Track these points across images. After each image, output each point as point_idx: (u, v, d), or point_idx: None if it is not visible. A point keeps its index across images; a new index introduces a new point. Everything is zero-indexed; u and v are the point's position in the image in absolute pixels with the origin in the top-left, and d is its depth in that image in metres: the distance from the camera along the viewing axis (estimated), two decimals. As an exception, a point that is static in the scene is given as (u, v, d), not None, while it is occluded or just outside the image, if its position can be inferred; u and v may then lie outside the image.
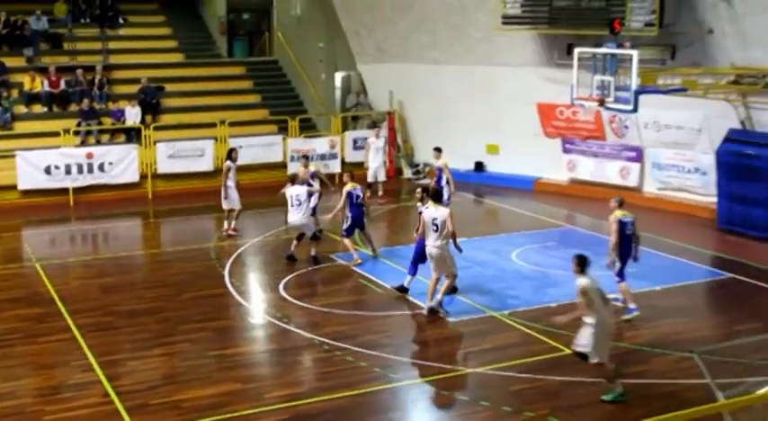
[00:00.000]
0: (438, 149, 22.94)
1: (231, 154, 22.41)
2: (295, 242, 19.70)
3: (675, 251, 20.29)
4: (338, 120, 30.59)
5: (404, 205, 26.78)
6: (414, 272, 17.24)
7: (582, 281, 12.23)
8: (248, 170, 28.37)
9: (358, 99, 31.83)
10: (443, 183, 22.24)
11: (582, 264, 12.31)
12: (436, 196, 16.27)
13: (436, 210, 15.83)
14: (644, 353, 14.39)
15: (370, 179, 26.03)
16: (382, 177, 26.44)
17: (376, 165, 26.21)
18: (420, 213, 16.59)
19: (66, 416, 12.11)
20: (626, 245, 16.05)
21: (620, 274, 16.15)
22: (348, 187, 19.54)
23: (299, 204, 19.08)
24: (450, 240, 15.82)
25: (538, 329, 15.33)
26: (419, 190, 17.66)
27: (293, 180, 19.84)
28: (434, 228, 15.74)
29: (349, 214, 19.45)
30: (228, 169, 21.94)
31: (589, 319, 12.22)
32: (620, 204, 16.28)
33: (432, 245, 15.87)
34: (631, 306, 16.01)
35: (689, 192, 24.33)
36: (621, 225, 15.96)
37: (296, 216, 19.22)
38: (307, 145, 28.83)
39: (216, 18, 36.72)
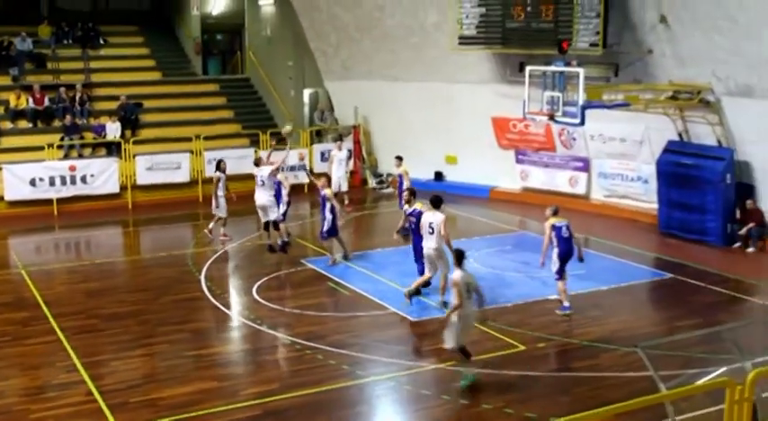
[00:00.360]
0: (399, 158, 23.01)
1: (220, 164, 22.39)
2: (267, 233, 19.90)
3: (620, 253, 20.45)
4: (306, 133, 30.56)
5: (369, 213, 26.83)
6: (422, 269, 17.20)
7: (456, 274, 12.57)
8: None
9: (323, 115, 31.83)
10: (404, 188, 22.30)
11: (459, 258, 12.70)
12: (436, 202, 16.56)
13: (433, 215, 16.28)
14: (593, 349, 14.45)
15: (333, 189, 25.92)
16: (345, 187, 26.25)
17: (339, 175, 26.03)
18: (406, 213, 17.21)
19: (51, 415, 12.00)
20: (563, 247, 16.23)
21: (559, 274, 16.33)
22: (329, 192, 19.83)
23: (263, 184, 19.89)
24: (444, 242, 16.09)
25: (494, 327, 15.36)
26: (406, 192, 18.10)
27: (257, 163, 20.62)
28: (430, 231, 16.19)
29: (330, 216, 19.36)
30: (218, 179, 21.89)
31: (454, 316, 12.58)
32: (555, 213, 16.51)
33: (428, 246, 16.27)
34: (565, 304, 16.15)
35: (632, 199, 24.51)
36: (555, 229, 16.18)
37: (260, 195, 20.07)
38: (277, 157, 28.72)
39: (191, 38, 36.67)
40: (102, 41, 34.17)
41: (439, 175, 29.17)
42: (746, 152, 21.22)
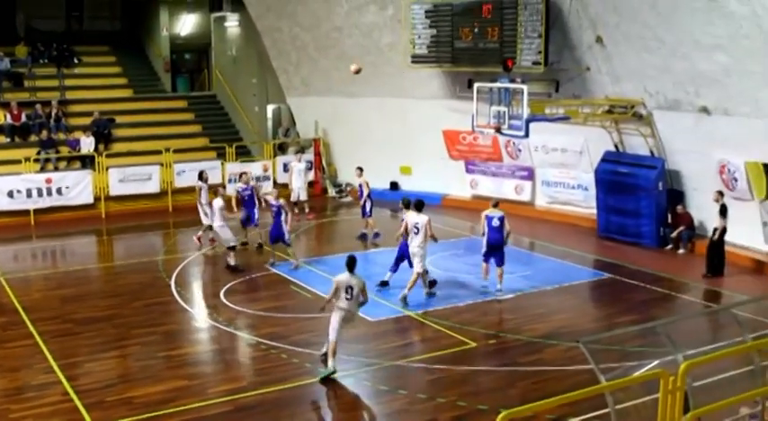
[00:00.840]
0: (360, 169, 23.05)
1: (202, 175, 22.34)
2: (230, 252, 19.69)
3: (563, 255, 20.61)
4: (270, 146, 30.48)
5: (329, 220, 26.76)
6: (395, 269, 17.86)
7: (339, 276, 13.06)
8: (191, 191, 28.13)
9: (287, 132, 31.75)
10: (365, 197, 22.42)
11: (349, 264, 13.07)
12: (419, 206, 17.19)
13: (417, 217, 17.02)
14: (539, 344, 14.54)
15: (293, 198, 25.80)
16: (304, 196, 25.98)
17: (298, 185, 25.74)
18: (402, 220, 17.62)
19: (30, 414, 11.83)
20: (490, 235, 17.42)
21: (485, 257, 17.63)
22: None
23: (210, 213, 20.19)
24: (431, 239, 17.00)
25: (447, 326, 15.43)
26: (401, 201, 18.43)
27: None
28: (416, 231, 16.93)
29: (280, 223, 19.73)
30: (200, 189, 21.78)
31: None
32: (494, 205, 17.89)
33: (414, 245, 16.96)
34: (485, 282, 17.51)
35: (573, 205, 24.71)
36: (487, 219, 17.43)
37: (212, 223, 20.29)
38: (243, 169, 28.70)
39: (161, 58, 36.46)
40: (76, 61, 33.85)
41: (394, 185, 29.19)
42: (676, 161, 21.50)
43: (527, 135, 20.33)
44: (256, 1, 29.21)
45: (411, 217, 17.14)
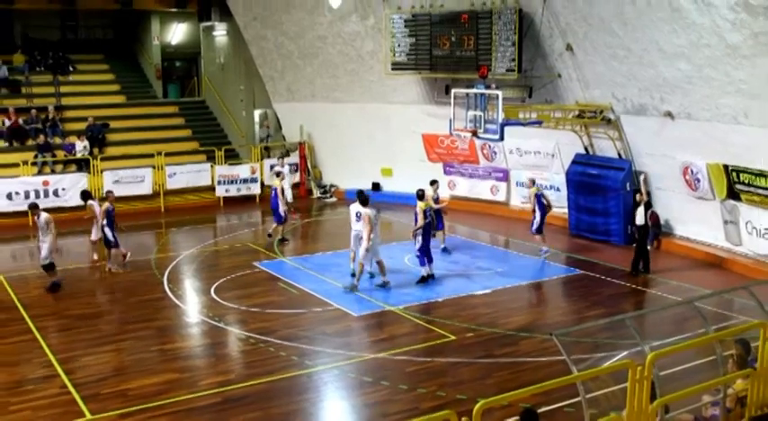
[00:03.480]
0: (277, 174, 23.34)
1: (93, 197, 21.84)
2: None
3: (537, 253, 20.67)
4: (257, 149, 30.43)
5: (314, 220, 26.74)
6: (431, 260, 18.34)
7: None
8: (182, 193, 28.15)
9: (268, 131, 31.69)
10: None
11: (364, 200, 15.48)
12: (363, 201, 17.66)
13: (360, 207, 17.63)
14: (514, 337, 14.58)
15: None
16: (290, 198, 25.62)
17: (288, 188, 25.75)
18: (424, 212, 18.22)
19: (30, 406, 11.77)
20: (428, 230, 18.27)
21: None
22: None
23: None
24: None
25: (426, 320, 15.47)
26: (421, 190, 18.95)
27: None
28: (357, 218, 17.83)
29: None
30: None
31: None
32: (420, 197, 18.57)
33: (355, 229, 18.00)
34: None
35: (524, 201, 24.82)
36: (424, 213, 18.23)
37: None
38: (231, 171, 28.70)
39: (152, 65, 36.34)
40: (71, 68, 33.66)
41: (376, 186, 29.20)
42: (643, 163, 21.61)
43: (502, 138, 20.40)
44: (243, 11, 29.15)
45: (354, 206, 17.95)
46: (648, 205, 19.07)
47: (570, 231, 22.81)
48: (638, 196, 19.06)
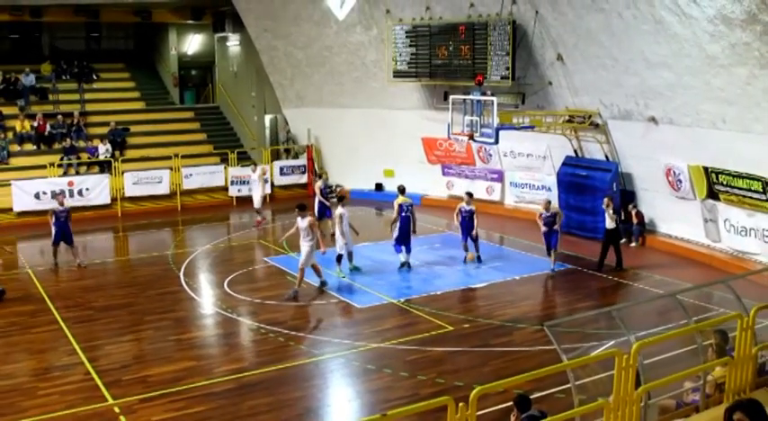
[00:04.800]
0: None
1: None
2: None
3: (529, 249, 20.68)
4: (268, 152, 30.42)
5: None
6: (408, 250, 18.82)
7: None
8: (196, 193, 28.17)
9: (288, 135, 31.63)
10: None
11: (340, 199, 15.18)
12: (301, 207, 17.10)
13: (301, 220, 16.79)
14: (508, 328, 14.59)
15: (256, 206, 24.88)
16: (258, 205, 24.83)
17: (257, 194, 24.85)
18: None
19: (56, 391, 11.82)
20: (403, 222, 18.44)
21: (397, 242, 18.65)
22: None
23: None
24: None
25: (426, 312, 15.47)
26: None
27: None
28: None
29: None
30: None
31: None
32: (401, 192, 19.06)
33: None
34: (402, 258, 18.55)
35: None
36: (399, 208, 18.57)
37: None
38: (243, 172, 28.69)
39: (170, 74, 36.32)
40: (94, 77, 33.66)
41: (379, 186, 29.22)
42: (628, 165, 21.61)
43: (497, 142, 20.41)
44: (255, 23, 29.15)
45: (299, 220, 16.79)
46: (616, 212, 18.87)
47: (560, 229, 22.74)
48: (605, 200, 18.89)
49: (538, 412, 7.83)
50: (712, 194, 18.91)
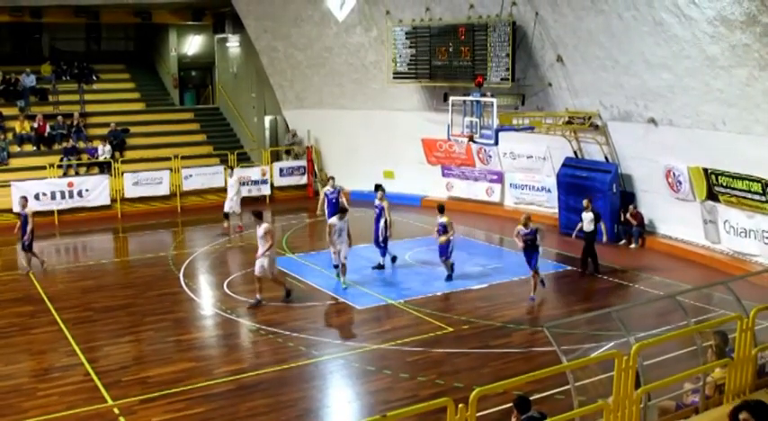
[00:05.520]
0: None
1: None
2: None
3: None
4: (267, 153, 30.43)
5: (321, 220, 26.62)
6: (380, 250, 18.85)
7: None
8: (196, 193, 28.16)
9: (293, 138, 31.58)
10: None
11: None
12: (257, 215, 16.53)
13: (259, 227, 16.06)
14: (508, 329, 14.59)
15: (226, 209, 24.07)
16: (237, 210, 24.07)
17: (231, 198, 24.08)
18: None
19: (55, 392, 11.82)
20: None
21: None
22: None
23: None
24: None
25: (426, 313, 15.46)
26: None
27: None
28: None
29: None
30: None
31: None
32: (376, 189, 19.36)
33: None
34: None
35: (538, 206, 24.77)
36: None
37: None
38: (243, 173, 28.72)
39: (170, 75, 36.32)
40: (94, 78, 33.68)
41: (379, 188, 29.13)
42: (628, 166, 21.61)
43: (497, 143, 20.36)
44: (255, 24, 29.16)
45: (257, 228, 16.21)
46: (597, 214, 18.64)
47: (560, 230, 22.75)
48: (585, 202, 18.78)
49: (538, 413, 7.82)
50: (712, 196, 18.91)
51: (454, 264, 18.02)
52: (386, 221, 18.84)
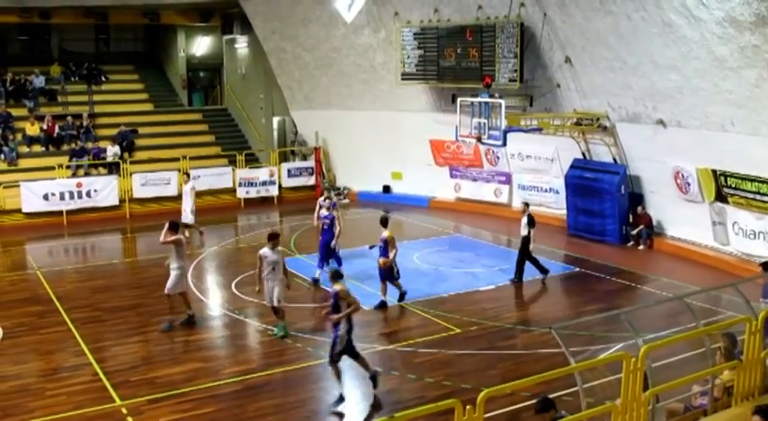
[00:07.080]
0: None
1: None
2: None
3: (537, 251, 20.48)
4: (275, 154, 30.46)
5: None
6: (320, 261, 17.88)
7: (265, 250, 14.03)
8: (205, 194, 28.17)
9: (296, 137, 31.65)
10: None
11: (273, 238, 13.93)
12: (173, 226, 14.97)
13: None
14: (515, 330, 14.58)
15: (183, 219, 22.08)
16: (190, 219, 22.65)
17: (187, 207, 22.84)
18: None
19: (64, 392, 11.86)
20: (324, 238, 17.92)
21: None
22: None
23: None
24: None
25: (433, 314, 15.45)
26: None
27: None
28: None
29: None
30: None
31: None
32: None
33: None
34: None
35: (546, 207, 24.71)
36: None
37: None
38: (251, 174, 28.77)
39: (178, 75, 36.38)
40: (103, 78, 33.76)
41: (387, 188, 29.21)
42: (636, 167, 21.57)
43: (504, 144, 20.38)
44: (263, 25, 29.20)
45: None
46: (531, 218, 17.92)
47: (568, 231, 22.74)
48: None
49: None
50: (721, 197, 18.84)
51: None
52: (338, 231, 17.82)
